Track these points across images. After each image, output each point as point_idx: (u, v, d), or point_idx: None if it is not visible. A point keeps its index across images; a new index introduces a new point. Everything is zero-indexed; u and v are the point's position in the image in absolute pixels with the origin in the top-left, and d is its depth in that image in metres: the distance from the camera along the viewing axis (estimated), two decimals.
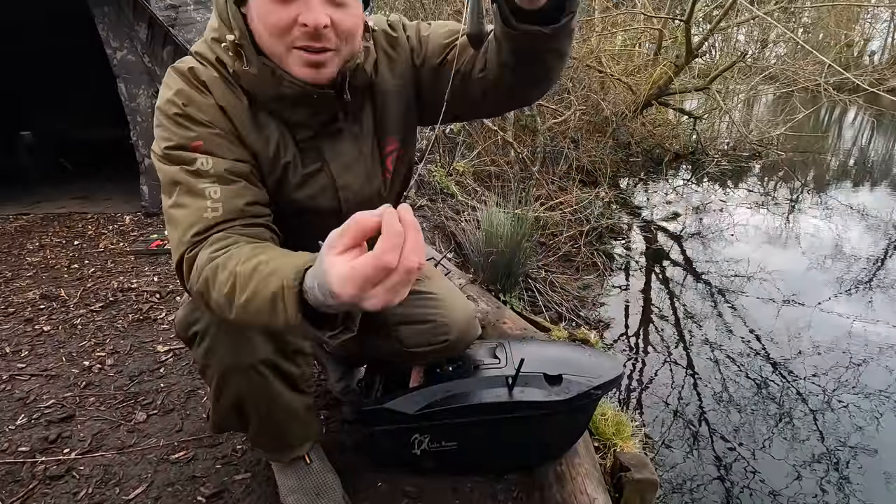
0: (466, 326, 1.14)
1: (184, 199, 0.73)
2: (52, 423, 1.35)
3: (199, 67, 0.78)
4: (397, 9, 4.93)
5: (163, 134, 0.76)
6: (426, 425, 1.14)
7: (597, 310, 3.00)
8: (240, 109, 0.79)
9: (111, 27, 2.79)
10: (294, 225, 0.91)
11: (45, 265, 2.44)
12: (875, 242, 4.13)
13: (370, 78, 0.85)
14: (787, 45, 9.91)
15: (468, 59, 0.80)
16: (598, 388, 1.15)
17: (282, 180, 0.86)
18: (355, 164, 0.90)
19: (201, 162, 0.74)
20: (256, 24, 0.72)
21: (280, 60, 0.74)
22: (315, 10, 0.68)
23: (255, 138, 0.81)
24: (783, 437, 2.00)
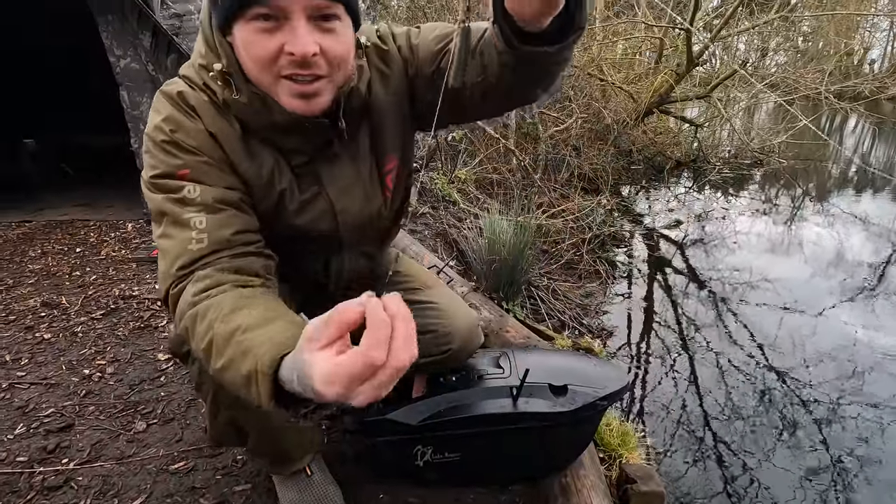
0: (469, 336, 1.13)
1: (170, 230, 0.72)
2: (51, 433, 1.33)
3: (189, 91, 0.76)
4: (400, 17, 4.97)
5: (150, 161, 0.74)
6: (429, 436, 1.13)
7: (600, 318, 2.99)
8: (231, 136, 0.77)
9: (115, 35, 2.80)
10: (292, 248, 0.90)
11: (47, 272, 2.43)
12: (877, 250, 4.12)
13: (365, 98, 0.82)
14: (787, 53, 9.96)
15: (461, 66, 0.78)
16: (604, 398, 1.13)
17: (278, 207, 0.84)
18: (354, 187, 0.88)
19: (188, 190, 0.72)
20: (242, 55, 0.69)
21: (269, 90, 0.71)
22: (302, 37, 0.65)
23: (247, 165, 0.78)
24: (788, 446, 1.97)
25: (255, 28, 0.65)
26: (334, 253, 0.97)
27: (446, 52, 0.78)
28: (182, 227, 0.71)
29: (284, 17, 0.64)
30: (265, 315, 0.61)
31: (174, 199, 0.72)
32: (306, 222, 0.87)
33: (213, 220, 0.72)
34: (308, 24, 0.65)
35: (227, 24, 0.67)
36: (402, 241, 2.52)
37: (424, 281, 1.17)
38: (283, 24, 0.65)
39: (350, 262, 1.01)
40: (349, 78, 0.76)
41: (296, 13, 0.64)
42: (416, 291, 1.14)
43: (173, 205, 0.72)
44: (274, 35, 0.65)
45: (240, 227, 0.74)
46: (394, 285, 1.15)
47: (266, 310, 0.62)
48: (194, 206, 0.72)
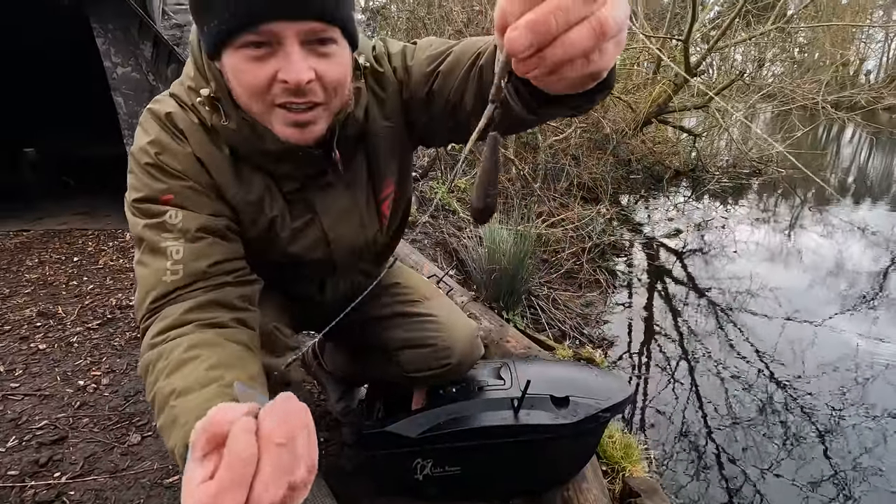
0: (469, 348, 1.12)
1: (146, 258, 0.70)
2: (44, 446, 1.31)
3: (178, 112, 0.73)
4: (399, 29, 5.00)
5: (133, 183, 0.72)
6: (429, 449, 1.11)
7: (600, 327, 2.97)
8: (219, 160, 0.73)
9: (114, 43, 2.81)
10: (284, 274, 0.89)
11: (44, 282, 2.42)
12: (877, 259, 4.12)
13: (362, 124, 0.78)
14: (784, 64, 10.05)
15: (456, 87, 0.71)
16: (606, 410, 1.12)
17: (270, 235, 0.81)
18: (349, 216, 0.86)
19: (169, 215, 0.69)
20: (232, 84, 0.65)
21: (261, 119, 0.67)
22: (296, 64, 0.60)
23: (236, 191, 0.75)
24: (792, 457, 1.95)
25: (245, 55, 0.61)
26: (329, 275, 0.96)
27: (438, 73, 0.74)
28: (158, 255, 0.69)
29: (277, 42, 0.60)
30: (206, 376, 0.58)
31: (154, 224, 0.69)
32: (299, 250, 0.85)
33: (191, 250, 0.69)
34: (302, 49, 0.61)
35: (216, 50, 0.63)
36: (401, 249, 2.51)
37: (423, 292, 1.15)
38: (275, 50, 0.61)
39: (346, 282, 1.00)
40: (346, 103, 0.72)
41: (289, 38, 0.60)
42: (414, 303, 1.13)
43: (152, 231, 0.69)
44: (266, 62, 0.61)
45: (220, 256, 0.71)
46: (392, 297, 1.14)
47: (210, 367, 0.59)
48: (174, 233, 0.69)
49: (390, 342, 1.11)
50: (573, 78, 0.37)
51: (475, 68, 0.68)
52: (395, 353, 1.11)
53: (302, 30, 0.60)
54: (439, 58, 0.75)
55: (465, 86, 0.70)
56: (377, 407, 1.23)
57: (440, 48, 0.76)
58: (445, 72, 0.73)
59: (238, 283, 0.73)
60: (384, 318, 1.13)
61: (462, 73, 0.70)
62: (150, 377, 0.62)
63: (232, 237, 0.76)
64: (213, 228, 0.72)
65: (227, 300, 0.71)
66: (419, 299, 1.14)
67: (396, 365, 1.11)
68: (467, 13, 4.79)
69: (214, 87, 0.69)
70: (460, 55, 0.72)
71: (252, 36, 0.60)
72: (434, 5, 4.83)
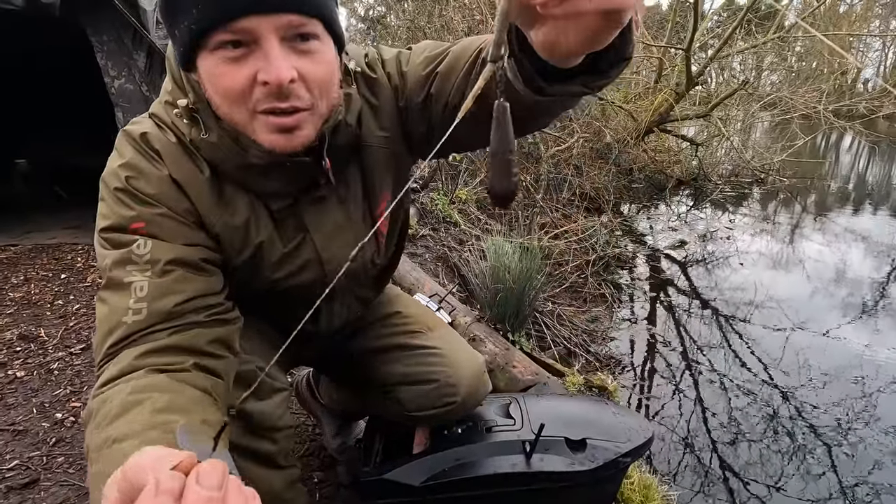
0: (475, 385, 1.02)
1: (107, 294, 0.62)
2: (13, 490, 1.20)
3: (154, 133, 0.67)
4: (400, 38, 4.96)
5: (102, 210, 0.65)
6: (433, 498, 1.01)
7: (607, 345, 2.87)
8: (199, 183, 0.66)
9: (110, 56, 2.75)
10: (272, 302, 0.80)
11: (28, 301, 2.32)
12: (878, 267, 4.06)
13: (354, 132, 0.72)
14: (781, 73, 10.07)
15: (457, 87, 0.67)
16: (627, 454, 1.02)
17: (256, 262, 0.73)
18: (343, 233, 0.78)
19: (138, 244, 0.61)
20: (210, 92, 0.60)
21: (243, 129, 0.61)
22: (276, 62, 0.55)
23: (217, 216, 0.68)
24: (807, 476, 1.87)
25: (221, 57, 0.56)
26: (323, 302, 0.87)
27: (436, 75, 0.69)
28: (121, 292, 0.60)
29: (253, 41, 0.55)
30: (150, 420, 0.49)
31: (120, 257, 0.61)
32: (288, 274, 0.76)
33: (158, 286, 0.61)
34: (282, 46, 0.56)
35: (190, 56, 0.58)
36: (401, 266, 2.41)
37: (426, 322, 1.07)
38: (252, 49, 0.56)
39: (342, 310, 0.91)
40: (334, 108, 0.66)
41: (266, 35, 0.55)
42: (416, 335, 1.04)
43: (117, 265, 0.61)
44: (243, 63, 0.56)
45: (191, 293, 0.63)
46: (391, 327, 1.05)
47: (156, 411, 0.51)
48: (140, 265, 0.61)
49: (389, 377, 1.02)
50: (588, 16, 0.32)
51: (476, 66, 0.62)
52: (394, 389, 1.02)
53: (280, 24, 0.55)
54: (436, 59, 0.69)
55: (465, 85, 0.64)
56: (375, 447, 1.13)
57: (436, 50, 0.71)
58: (444, 73, 0.67)
59: (211, 322, 0.64)
60: (382, 350, 1.04)
61: (462, 73, 0.64)
62: (90, 426, 0.53)
63: (209, 269, 0.67)
64: (186, 260, 0.64)
65: (194, 344, 0.62)
66: (421, 330, 1.05)
67: (396, 402, 1.02)
68: (468, 22, 4.75)
69: (193, 98, 0.62)
70: (459, 54, 0.66)
71: (226, 34, 0.54)
72: (434, 14, 4.78)
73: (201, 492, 0.29)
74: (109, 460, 0.45)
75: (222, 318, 0.66)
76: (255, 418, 0.77)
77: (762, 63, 10.08)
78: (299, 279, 0.78)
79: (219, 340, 0.65)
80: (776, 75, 10.22)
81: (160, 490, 0.28)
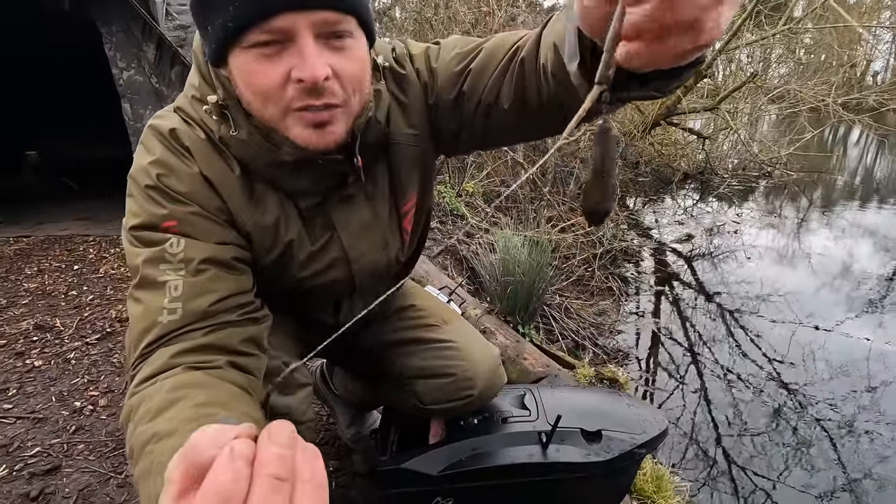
0: (492, 378, 1.03)
1: (141, 294, 0.61)
2: (36, 476, 1.23)
3: (182, 128, 0.65)
4: (407, 30, 4.93)
5: (132, 208, 0.64)
6: (450, 488, 1.02)
7: (614, 338, 2.88)
8: (230, 180, 0.66)
9: (118, 47, 2.75)
10: (298, 297, 0.80)
11: (43, 292, 2.34)
12: (885, 262, 4.05)
13: (383, 130, 0.72)
14: (789, 65, 9.95)
15: (491, 85, 0.66)
16: (642, 446, 1.03)
17: (285, 261, 0.73)
18: (370, 231, 0.78)
19: (171, 244, 0.61)
20: (241, 89, 0.59)
21: (276, 126, 0.60)
22: (310, 59, 0.54)
23: (248, 215, 0.68)
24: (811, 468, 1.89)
25: (255, 55, 0.55)
26: (345, 298, 0.88)
27: (469, 72, 0.68)
28: (155, 291, 0.60)
29: (288, 38, 0.54)
30: (195, 413, 0.49)
31: (152, 255, 0.61)
32: (315, 272, 0.77)
33: (192, 285, 0.60)
34: (316, 43, 0.55)
35: (222, 53, 0.57)
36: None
37: (441, 316, 1.07)
38: (286, 46, 0.55)
39: (361, 305, 0.92)
40: (366, 104, 0.65)
41: (301, 32, 0.54)
42: (431, 328, 1.04)
43: (150, 263, 0.61)
44: (278, 60, 0.55)
45: (224, 292, 0.63)
46: (407, 320, 1.06)
47: (198, 405, 0.50)
48: (174, 264, 0.61)
49: (405, 370, 1.03)
50: (685, 45, 0.34)
51: (514, 63, 0.61)
52: (410, 383, 1.03)
53: (315, 21, 0.54)
54: (469, 55, 0.68)
55: (500, 82, 0.64)
56: (391, 438, 1.14)
57: (468, 46, 0.70)
58: (477, 70, 0.67)
59: (244, 321, 0.65)
60: (398, 343, 1.04)
61: (497, 70, 0.64)
62: (130, 425, 0.53)
63: (241, 268, 0.67)
64: (219, 259, 0.64)
65: (228, 343, 0.62)
66: (437, 323, 1.06)
67: (412, 395, 1.03)
68: (474, 14, 4.71)
69: (222, 94, 0.62)
70: (494, 51, 0.65)
71: (260, 35, 0.54)
72: (440, 6, 4.75)
73: (274, 448, 0.28)
74: (157, 454, 0.46)
75: (253, 316, 0.67)
76: (282, 413, 0.79)
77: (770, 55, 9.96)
78: (325, 277, 0.78)
79: (251, 339, 0.65)
80: (784, 68, 10.11)
81: (235, 455, 0.27)
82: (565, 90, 0.53)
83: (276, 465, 0.28)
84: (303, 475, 0.28)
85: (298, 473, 0.28)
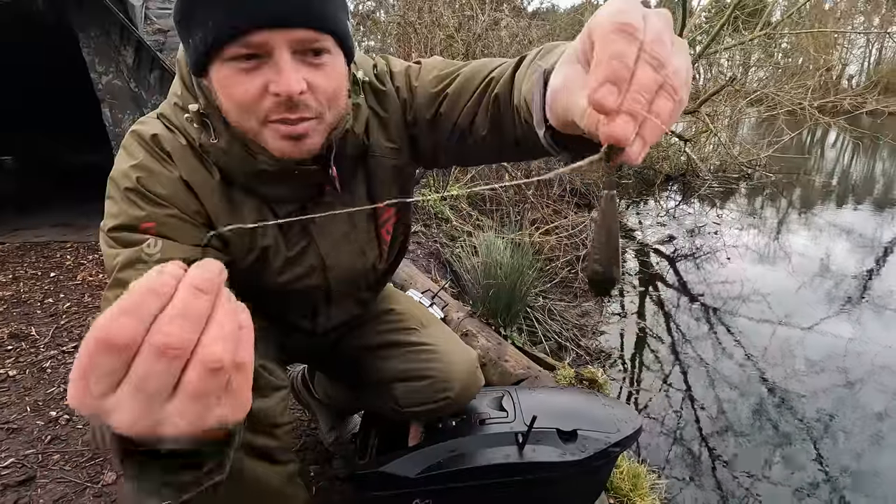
0: (468, 380, 1.04)
1: (114, 294, 0.59)
2: (9, 488, 1.21)
3: (165, 134, 0.67)
4: (390, 33, 4.94)
5: (111, 210, 0.65)
6: (428, 489, 1.03)
7: (597, 339, 2.91)
8: (209, 186, 0.68)
9: (97, 51, 2.72)
10: (274, 303, 0.81)
11: (18, 299, 2.30)
12: (862, 260, 4.17)
13: (362, 143, 0.74)
14: (767, 69, 10.19)
15: (466, 111, 0.69)
16: (616, 444, 1.05)
17: (261, 266, 0.75)
18: (347, 240, 0.80)
19: (147, 244, 0.62)
20: (222, 100, 0.61)
21: (254, 137, 0.63)
22: (287, 74, 0.57)
23: (225, 220, 0.69)
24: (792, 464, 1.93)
25: (234, 68, 0.57)
26: (321, 304, 0.89)
27: (445, 95, 0.71)
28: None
29: (267, 53, 0.57)
30: None
31: (130, 256, 0.62)
32: (292, 278, 0.78)
33: None
34: (293, 59, 0.58)
35: (203, 65, 0.59)
36: None
37: (419, 319, 1.08)
38: (265, 60, 0.57)
39: (339, 311, 0.93)
40: (342, 118, 0.67)
41: (279, 49, 0.56)
42: (410, 331, 1.05)
43: (126, 265, 0.61)
44: (256, 74, 0.57)
45: None
46: (386, 324, 1.06)
47: None
48: (150, 264, 0.60)
49: (383, 374, 1.04)
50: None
51: (487, 95, 0.65)
52: (388, 387, 1.04)
53: (293, 39, 0.57)
54: (447, 79, 0.72)
55: (475, 111, 0.67)
56: (371, 442, 1.15)
57: (448, 69, 0.73)
58: (454, 94, 0.70)
59: None
60: (377, 347, 1.05)
61: (473, 98, 0.67)
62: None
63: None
64: (195, 261, 0.65)
65: None
66: (415, 327, 1.07)
67: (391, 398, 1.04)
68: (458, 18, 4.75)
69: (203, 103, 0.64)
70: (470, 77, 0.68)
71: (240, 49, 0.56)
72: (424, 10, 4.77)
73: (199, 271, 0.30)
74: None
75: None
76: (256, 415, 0.79)
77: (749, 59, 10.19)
78: (302, 283, 0.79)
79: None
80: (763, 71, 10.35)
81: (164, 270, 0.29)
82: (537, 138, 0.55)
83: (199, 279, 0.30)
84: (223, 297, 0.30)
85: (220, 296, 0.30)
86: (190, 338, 0.28)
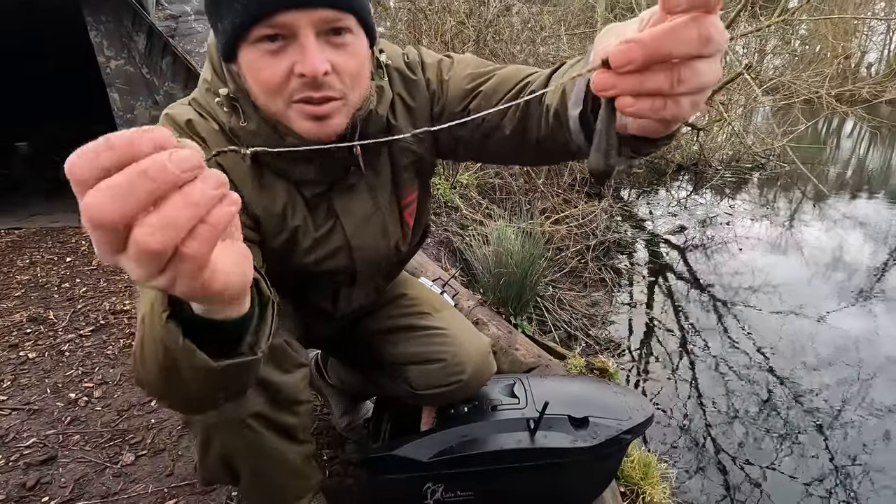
0: (481, 365, 1.05)
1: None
2: (32, 467, 1.24)
3: (198, 120, 0.70)
4: (401, 19, 4.89)
5: None
6: (440, 473, 1.04)
7: (607, 328, 2.91)
8: (242, 169, 0.71)
9: (107, 35, 2.72)
10: (300, 284, 0.84)
11: (35, 284, 2.34)
12: (876, 253, 4.10)
13: (386, 124, 0.76)
14: (783, 56, 9.94)
15: (495, 112, 0.70)
16: (627, 431, 1.05)
17: (291, 245, 0.77)
18: (371, 220, 0.82)
19: None
20: (249, 83, 0.64)
21: (280, 117, 0.65)
22: (311, 55, 0.59)
23: (258, 201, 0.73)
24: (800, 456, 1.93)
25: (261, 50, 0.60)
26: (345, 286, 0.91)
27: (479, 93, 0.73)
28: None
29: (291, 34, 0.59)
30: None
31: None
32: (319, 259, 0.80)
33: None
34: (318, 40, 0.60)
35: (232, 49, 0.62)
36: None
37: (432, 304, 1.09)
38: (290, 42, 0.60)
39: (360, 295, 0.94)
40: (365, 98, 0.69)
41: (303, 29, 0.59)
42: (423, 316, 1.06)
43: None
44: (282, 56, 0.60)
45: None
46: (399, 309, 1.08)
47: None
48: None
49: (397, 357, 1.05)
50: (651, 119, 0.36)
51: (523, 95, 0.67)
52: (402, 369, 1.05)
53: (315, 19, 0.59)
54: (481, 77, 0.74)
55: (506, 110, 0.69)
56: (384, 426, 1.16)
57: (483, 68, 0.75)
58: (487, 93, 0.72)
59: None
60: (390, 331, 1.07)
61: (508, 97, 0.69)
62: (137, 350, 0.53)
63: (251, 246, 0.71)
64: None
65: None
66: (428, 311, 1.08)
67: (404, 382, 1.05)
68: (469, 4, 4.68)
69: (232, 87, 0.66)
70: (507, 78, 0.71)
71: (265, 29, 0.59)
72: None
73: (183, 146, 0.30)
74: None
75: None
76: (280, 390, 0.81)
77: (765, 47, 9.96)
78: (329, 264, 0.82)
79: None
80: (779, 59, 10.11)
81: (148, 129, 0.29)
82: (562, 133, 0.57)
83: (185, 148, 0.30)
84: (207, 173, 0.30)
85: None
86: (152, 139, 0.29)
